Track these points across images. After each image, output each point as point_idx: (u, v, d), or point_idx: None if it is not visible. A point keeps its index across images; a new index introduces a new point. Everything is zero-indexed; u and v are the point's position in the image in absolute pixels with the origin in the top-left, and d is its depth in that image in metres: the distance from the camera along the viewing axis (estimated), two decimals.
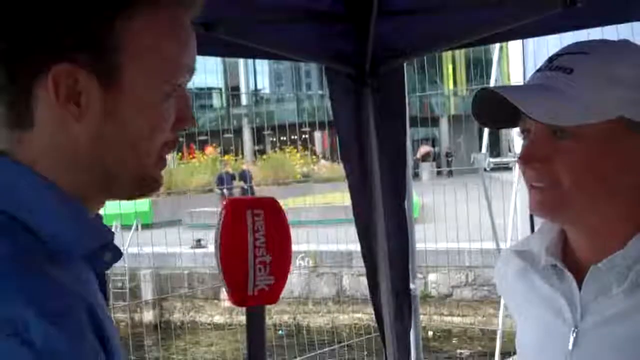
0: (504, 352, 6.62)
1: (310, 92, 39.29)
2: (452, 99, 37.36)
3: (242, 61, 35.77)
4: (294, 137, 31.32)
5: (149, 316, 14.66)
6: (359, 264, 3.79)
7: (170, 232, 11.90)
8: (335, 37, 2.48)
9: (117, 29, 0.92)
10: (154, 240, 12.27)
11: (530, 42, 5.83)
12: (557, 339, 1.31)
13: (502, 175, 9.57)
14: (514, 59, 7.09)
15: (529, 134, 1.27)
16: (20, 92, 0.92)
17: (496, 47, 7.23)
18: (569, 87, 1.21)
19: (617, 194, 1.24)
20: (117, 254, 0.98)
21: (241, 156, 28.23)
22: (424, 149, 30.08)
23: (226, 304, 13.83)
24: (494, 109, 1.26)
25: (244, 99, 42.09)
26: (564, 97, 1.21)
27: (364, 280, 2.84)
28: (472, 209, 9.56)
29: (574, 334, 1.28)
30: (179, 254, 14.72)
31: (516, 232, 6.83)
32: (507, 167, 8.34)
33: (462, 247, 12.22)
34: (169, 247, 13.22)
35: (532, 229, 5.14)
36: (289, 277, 1.26)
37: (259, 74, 42.17)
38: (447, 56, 32.56)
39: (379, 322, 2.72)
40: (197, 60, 1.02)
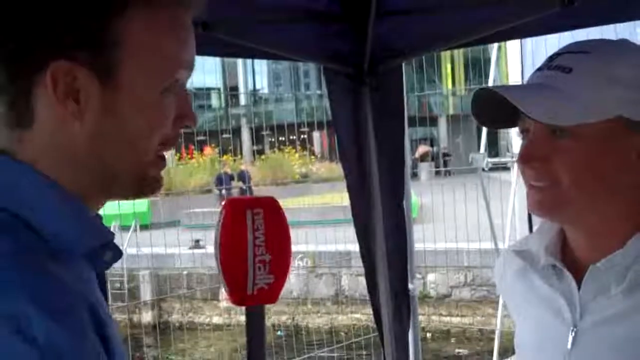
0: (503, 352, 6.63)
1: (308, 92, 39.26)
2: (451, 99, 37.38)
3: (240, 61, 35.70)
4: (292, 137, 31.35)
5: (147, 317, 14.67)
6: (358, 264, 3.79)
7: (168, 232, 11.91)
8: (333, 37, 2.48)
9: (116, 27, 0.92)
10: (152, 240, 12.28)
11: (528, 41, 5.82)
12: (556, 339, 1.31)
13: (501, 175, 9.58)
14: (512, 58, 7.10)
15: (528, 133, 1.27)
16: (20, 92, 0.92)
17: (494, 46, 7.23)
18: (568, 87, 1.22)
19: (616, 194, 1.25)
20: (118, 254, 0.99)
21: (240, 156, 28.23)
22: (422, 149, 30.02)
23: (225, 304, 13.83)
24: (494, 109, 1.26)
25: (243, 99, 42.02)
26: (563, 97, 1.21)
27: (362, 280, 2.84)
28: (471, 209, 9.57)
29: (573, 333, 1.28)
30: (178, 255, 14.71)
31: (514, 232, 6.84)
32: (505, 167, 8.34)
33: (461, 247, 12.24)
34: (167, 248, 13.24)
35: (531, 228, 5.15)
36: (288, 277, 1.26)
37: (257, 74, 42.09)
38: (445, 56, 32.64)
39: (378, 323, 2.72)
40: (196, 60, 1.02)
